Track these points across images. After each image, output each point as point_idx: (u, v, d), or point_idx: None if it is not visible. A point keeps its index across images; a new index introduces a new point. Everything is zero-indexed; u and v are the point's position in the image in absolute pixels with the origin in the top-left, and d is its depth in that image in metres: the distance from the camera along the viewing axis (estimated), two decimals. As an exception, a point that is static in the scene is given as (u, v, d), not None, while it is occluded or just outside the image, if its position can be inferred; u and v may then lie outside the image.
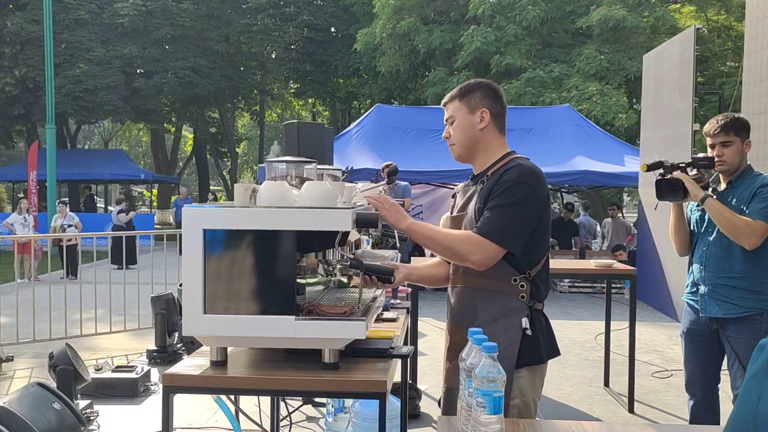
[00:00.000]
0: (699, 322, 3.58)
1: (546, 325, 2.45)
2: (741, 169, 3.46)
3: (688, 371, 3.67)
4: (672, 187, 3.46)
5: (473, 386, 1.59)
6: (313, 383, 2.21)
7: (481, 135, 2.47)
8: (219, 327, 2.23)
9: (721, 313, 3.42)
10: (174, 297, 6.77)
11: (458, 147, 2.53)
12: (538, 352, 2.37)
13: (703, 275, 3.51)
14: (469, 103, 2.47)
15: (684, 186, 3.43)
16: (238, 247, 2.21)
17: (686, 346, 3.67)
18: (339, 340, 2.25)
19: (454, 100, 2.51)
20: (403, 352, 2.47)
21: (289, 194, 2.32)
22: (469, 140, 2.49)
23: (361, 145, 11.97)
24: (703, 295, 3.52)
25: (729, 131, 3.41)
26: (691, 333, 3.63)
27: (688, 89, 8.16)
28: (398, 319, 3.10)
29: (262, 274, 2.20)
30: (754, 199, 3.33)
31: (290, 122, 6.50)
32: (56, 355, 4.68)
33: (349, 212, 2.19)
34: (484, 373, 1.57)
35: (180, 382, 2.23)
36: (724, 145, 3.42)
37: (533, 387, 2.39)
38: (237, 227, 2.20)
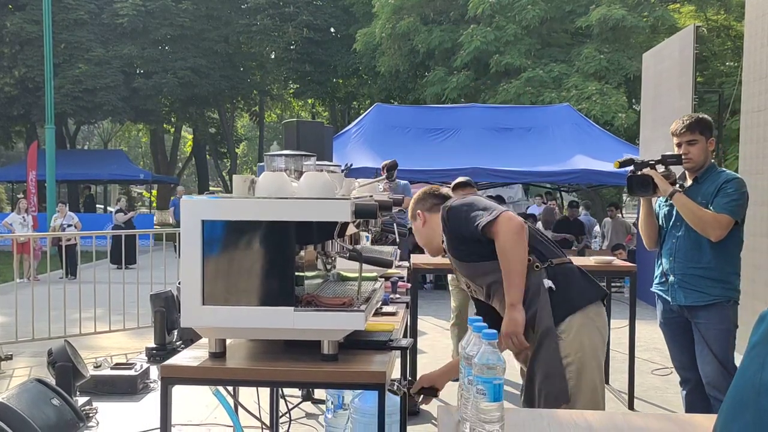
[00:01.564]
0: (672, 311, 3.76)
1: (579, 273, 2.71)
2: (705, 166, 3.64)
3: (677, 359, 3.84)
4: (642, 183, 3.60)
5: (473, 373, 1.58)
6: (312, 374, 2.20)
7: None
8: (218, 318, 2.22)
9: (690, 301, 3.61)
10: (173, 294, 6.76)
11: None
12: (571, 302, 2.59)
13: (673, 266, 3.68)
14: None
15: (654, 182, 3.56)
16: (236, 238, 2.20)
17: (667, 336, 3.86)
18: (338, 331, 2.24)
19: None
20: (402, 344, 2.47)
21: (287, 185, 2.31)
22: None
23: (361, 144, 11.97)
24: (672, 285, 3.69)
25: (694, 130, 3.59)
26: (668, 323, 3.81)
27: (687, 88, 8.14)
28: (398, 313, 3.09)
29: (261, 265, 2.19)
30: (719, 194, 3.51)
31: (289, 121, 6.49)
32: (55, 351, 4.67)
33: (348, 202, 2.18)
34: (484, 360, 1.56)
35: (178, 374, 2.23)
36: (689, 143, 3.59)
37: (588, 338, 2.58)
38: (236, 218, 2.19)
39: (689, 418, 1.82)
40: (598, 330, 2.62)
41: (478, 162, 10.99)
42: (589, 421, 1.71)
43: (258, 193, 2.30)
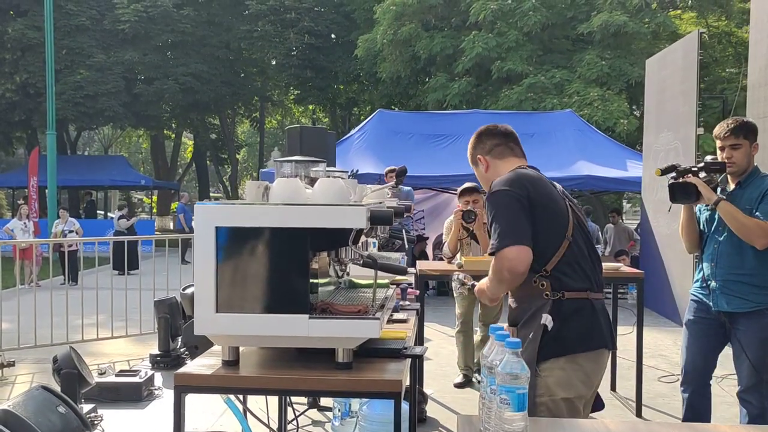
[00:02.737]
0: (707, 313, 3.73)
1: (590, 314, 2.49)
2: (749, 171, 3.62)
3: (691, 361, 3.82)
4: (685, 191, 3.57)
5: (496, 383, 1.56)
6: (327, 383, 2.18)
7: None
8: (232, 326, 2.20)
9: (732, 307, 3.58)
10: (177, 301, 6.73)
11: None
12: (562, 344, 2.44)
13: (715, 272, 3.65)
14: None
15: (697, 189, 3.54)
16: (251, 245, 2.18)
17: (689, 335, 3.83)
18: (353, 339, 2.22)
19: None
20: (416, 352, 2.44)
21: (302, 191, 2.30)
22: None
23: (363, 150, 11.95)
24: (714, 291, 3.66)
25: (738, 134, 3.56)
26: (697, 322, 3.78)
27: (691, 94, 8.14)
28: (409, 320, 3.07)
29: (276, 273, 2.18)
30: (764, 200, 3.48)
31: (293, 127, 6.48)
32: (60, 358, 4.64)
33: (363, 209, 2.16)
34: (508, 369, 1.54)
35: (192, 382, 2.21)
36: (733, 147, 3.57)
37: (567, 385, 2.42)
38: (250, 224, 2.17)
39: (713, 428, 1.80)
40: (584, 377, 2.46)
41: (481, 168, 10.95)
42: (612, 431, 1.69)
43: (272, 200, 2.28)
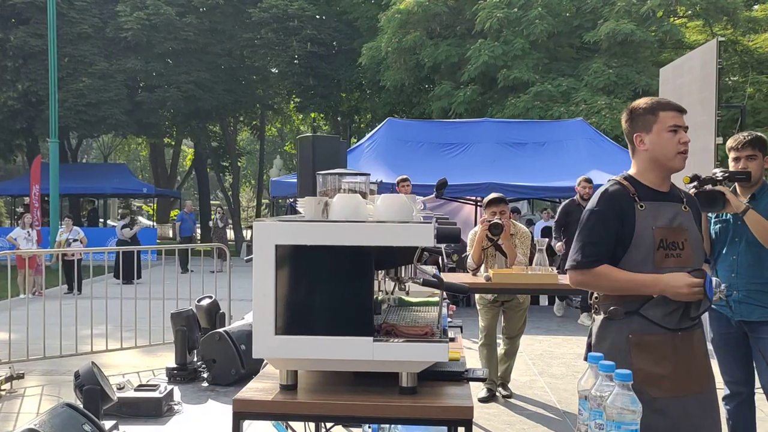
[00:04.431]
0: (729, 325, 3.80)
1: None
2: (760, 183, 3.75)
3: (731, 374, 3.86)
4: (711, 199, 3.56)
5: (604, 418, 1.45)
6: (392, 409, 2.07)
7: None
8: (291, 349, 2.09)
9: (756, 316, 3.65)
10: (194, 313, 6.62)
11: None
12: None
13: (735, 282, 3.70)
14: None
15: (724, 197, 3.54)
16: (313, 264, 2.07)
17: (720, 352, 3.89)
18: (420, 363, 2.11)
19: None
20: (479, 375, 2.34)
21: (363, 208, 2.19)
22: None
23: (374, 158, 11.88)
24: (737, 301, 3.70)
25: (755, 146, 3.71)
26: (724, 339, 3.85)
27: (710, 103, 8.07)
28: (457, 339, 2.96)
29: (339, 293, 2.07)
30: None
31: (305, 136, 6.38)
32: (82, 374, 4.53)
33: (431, 226, 2.06)
34: (619, 403, 1.43)
35: (251, 408, 2.09)
36: (749, 158, 3.71)
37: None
38: (312, 242, 2.06)
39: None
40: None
41: (492, 177, 10.89)
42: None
43: (332, 216, 2.17)
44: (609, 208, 2.53)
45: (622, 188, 2.56)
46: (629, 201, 2.52)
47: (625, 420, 1.42)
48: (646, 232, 2.48)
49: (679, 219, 2.54)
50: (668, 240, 2.49)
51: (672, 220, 2.52)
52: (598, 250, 2.52)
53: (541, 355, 7.59)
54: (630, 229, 2.49)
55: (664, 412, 2.41)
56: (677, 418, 2.42)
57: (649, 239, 2.48)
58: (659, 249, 2.47)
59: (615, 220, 2.51)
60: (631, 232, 2.49)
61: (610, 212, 2.53)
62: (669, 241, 2.49)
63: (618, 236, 2.51)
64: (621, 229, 2.51)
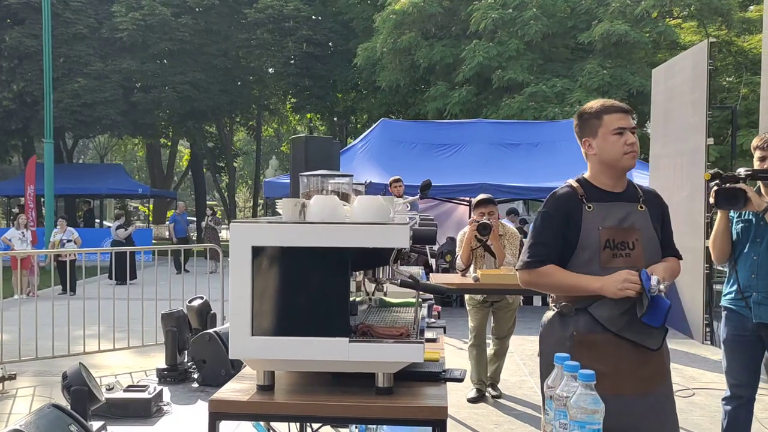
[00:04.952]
0: (744, 327, 3.71)
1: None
2: None
3: (736, 377, 3.79)
4: (732, 196, 3.52)
5: (568, 417, 1.47)
6: (368, 409, 2.08)
7: None
8: (268, 350, 2.10)
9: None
10: (184, 314, 6.63)
11: None
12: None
13: (756, 283, 3.64)
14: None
15: (745, 195, 3.50)
16: (289, 266, 2.09)
17: (730, 353, 3.81)
18: (395, 363, 2.12)
19: None
20: (456, 376, 2.35)
21: (340, 209, 2.21)
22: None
23: (367, 159, 11.89)
24: (757, 303, 3.64)
25: None
26: (737, 340, 3.77)
27: (701, 104, 8.09)
28: (438, 340, 2.97)
29: (315, 294, 2.08)
30: None
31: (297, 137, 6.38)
32: (70, 374, 4.53)
33: (406, 228, 2.07)
34: (581, 402, 1.45)
35: (227, 408, 2.11)
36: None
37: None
38: (289, 244, 2.08)
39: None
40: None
41: (486, 177, 10.91)
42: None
43: (309, 218, 2.19)
44: (555, 210, 2.61)
45: (571, 190, 2.62)
46: (577, 202, 2.58)
47: (587, 420, 1.43)
48: (593, 233, 2.53)
49: (631, 219, 2.58)
50: (616, 240, 2.53)
51: (622, 221, 2.56)
52: (544, 250, 2.59)
53: (531, 356, 7.60)
54: (576, 230, 2.55)
55: (607, 409, 2.43)
56: (618, 416, 2.40)
57: (595, 240, 2.53)
58: (605, 249, 2.52)
59: (561, 222, 2.57)
60: (578, 232, 2.55)
61: (556, 214, 2.60)
62: (617, 242, 2.53)
63: (564, 237, 2.57)
64: (567, 230, 2.56)
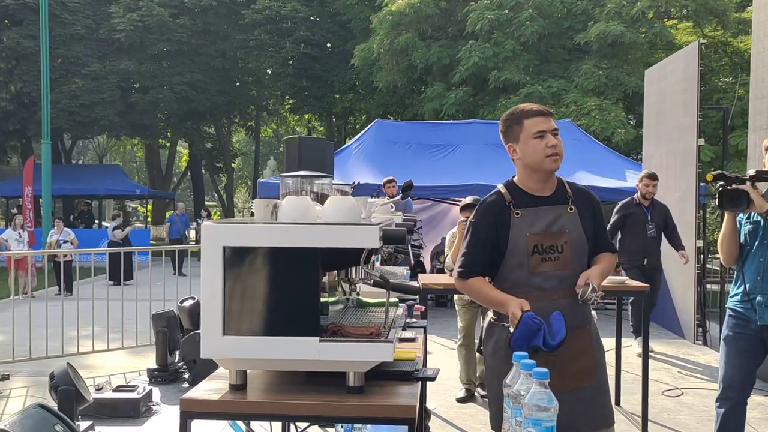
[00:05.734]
0: (747, 328, 3.69)
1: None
2: None
3: (730, 377, 3.75)
4: (735, 198, 3.52)
5: (523, 415, 1.49)
6: (338, 408, 2.11)
7: None
8: (239, 349, 2.13)
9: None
10: (175, 314, 6.65)
11: None
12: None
13: (761, 285, 3.61)
14: None
15: (748, 197, 3.49)
16: (260, 266, 2.11)
17: (729, 351, 3.77)
18: (365, 362, 2.15)
19: None
20: (428, 375, 2.37)
21: (312, 210, 2.23)
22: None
23: (362, 160, 11.90)
24: (762, 305, 3.61)
25: None
26: (736, 338, 3.73)
27: (692, 104, 8.12)
28: (417, 339, 2.99)
29: (285, 294, 2.10)
30: None
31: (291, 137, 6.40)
32: (57, 375, 4.55)
33: (376, 228, 2.09)
34: (535, 400, 1.47)
35: (199, 407, 2.13)
36: None
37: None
38: (259, 244, 2.10)
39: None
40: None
41: (480, 178, 10.92)
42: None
43: (281, 218, 2.21)
44: (483, 219, 2.66)
45: (500, 198, 2.67)
46: (505, 209, 2.63)
47: (540, 417, 1.46)
48: (521, 239, 2.58)
49: (560, 222, 2.62)
50: (544, 245, 2.58)
51: (550, 225, 2.60)
52: (472, 260, 2.65)
53: (523, 356, 7.61)
54: (505, 237, 2.59)
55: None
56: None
57: (523, 245, 2.57)
58: (534, 254, 2.57)
59: (489, 230, 2.62)
60: (506, 239, 2.59)
61: (484, 223, 2.65)
62: (545, 246, 2.58)
63: (494, 244, 2.61)
64: (496, 238, 2.61)
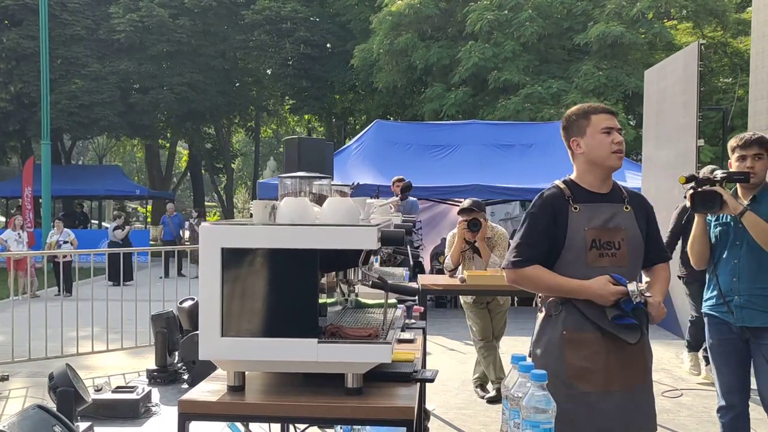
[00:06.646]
0: (729, 333, 3.66)
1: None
2: (761, 185, 3.60)
3: (726, 384, 3.71)
4: (708, 200, 3.49)
5: (521, 417, 1.49)
6: (336, 409, 2.11)
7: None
8: (237, 350, 2.13)
9: (758, 322, 3.53)
10: (174, 315, 6.65)
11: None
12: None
13: (737, 287, 3.59)
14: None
15: (721, 198, 3.47)
16: (258, 267, 2.11)
17: (718, 359, 3.73)
18: (363, 364, 2.14)
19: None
20: (427, 377, 2.37)
21: (310, 211, 2.23)
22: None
23: (361, 161, 11.90)
24: (739, 306, 3.58)
25: (762, 145, 3.58)
26: (723, 345, 3.70)
27: (692, 105, 8.10)
28: (416, 341, 2.99)
29: (284, 295, 2.10)
30: None
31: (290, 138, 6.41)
32: (56, 376, 4.55)
33: (374, 229, 2.09)
34: (533, 402, 1.47)
35: (197, 409, 2.13)
36: (756, 157, 3.57)
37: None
38: (257, 245, 2.10)
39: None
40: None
41: (479, 179, 10.93)
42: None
43: (279, 219, 2.21)
44: (542, 210, 2.64)
45: (559, 191, 2.66)
46: (563, 203, 2.62)
47: (539, 419, 1.46)
48: (579, 234, 2.57)
49: (616, 219, 2.62)
50: (602, 240, 2.58)
51: (608, 221, 2.60)
52: (530, 250, 2.62)
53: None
54: (563, 231, 2.58)
55: (594, 406, 2.52)
56: (606, 412, 2.51)
57: (581, 240, 2.57)
58: (592, 249, 2.56)
59: (548, 222, 2.61)
60: (564, 233, 2.58)
61: (543, 214, 2.63)
62: (603, 241, 2.57)
63: (551, 237, 2.60)
64: (554, 231, 2.60)
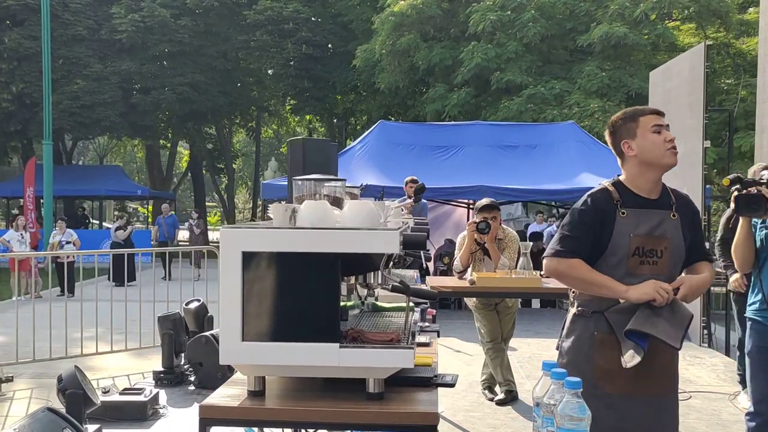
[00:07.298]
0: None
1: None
2: None
3: (759, 391, 3.65)
4: (753, 203, 3.43)
5: (555, 425, 1.47)
6: (358, 415, 2.08)
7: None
8: (258, 355, 2.10)
9: None
10: (181, 316, 6.63)
11: None
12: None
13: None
14: None
15: (767, 202, 3.40)
16: (279, 271, 2.09)
17: (755, 365, 3.67)
18: (386, 369, 2.12)
19: None
20: (448, 381, 2.35)
21: (330, 214, 2.21)
22: None
23: (365, 161, 11.88)
24: None
25: None
26: (762, 352, 3.64)
27: (698, 106, 8.08)
28: (432, 344, 2.97)
29: (305, 299, 2.08)
30: None
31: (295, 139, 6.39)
32: (65, 377, 4.53)
33: (396, 233, 2.07)
34: (568, 410, 1.45)
35: (217, 414, 2.11)
36: None
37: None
38: (279, 249, 2.08)
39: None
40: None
41: (483, 180, 10.91)
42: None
43: (299, 223, 2.19)
44: (592, 209, 2.61)
45: (608, 194, 2.62)
46: (612, 206, 2.59)
47: (572, 427, 1.43)
48: (623, 239, 2.54)
49: (662, 227, 2.58)
50: (645, 248, 2.55)
51: (654, 228, 2.57)
52: (576, 243, 2.58)
53: (529, 359, 7.61)
54: (608, 234, 2.55)
55: (615, 408, 2.50)
56: (627, 415, 2.51)
57: (625, 245, 2.54)
58: (634, 255, 2.54)
59: (595, 222, 2.57)
60: (609, 236, 2.55)
61: (591, 213, 2.59)
62: (646, 249, 2.54)
63: (596, 238, 2.57)
64: (600, 232, 2.57)
